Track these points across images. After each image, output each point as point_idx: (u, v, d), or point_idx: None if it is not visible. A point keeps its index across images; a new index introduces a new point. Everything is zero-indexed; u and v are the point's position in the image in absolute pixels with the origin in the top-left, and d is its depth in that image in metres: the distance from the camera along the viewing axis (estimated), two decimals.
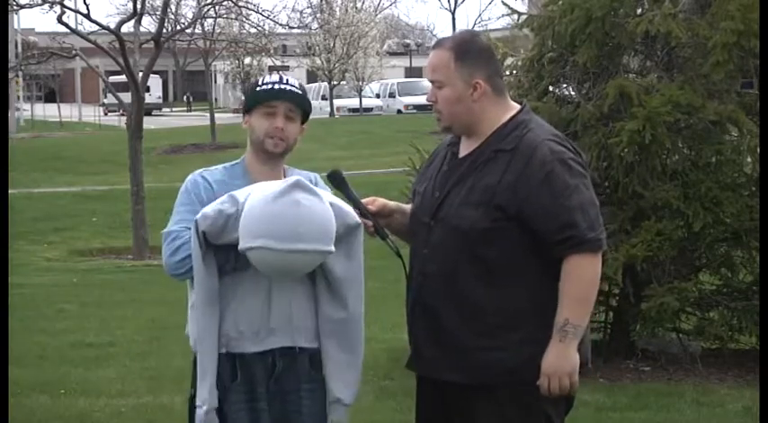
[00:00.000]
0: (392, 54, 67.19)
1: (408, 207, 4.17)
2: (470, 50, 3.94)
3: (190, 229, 3.98)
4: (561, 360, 3.86)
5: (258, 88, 4.14)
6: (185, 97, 76.89)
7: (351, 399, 4.12)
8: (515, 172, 3.85)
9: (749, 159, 8.75)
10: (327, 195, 4.00)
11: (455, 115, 3.96)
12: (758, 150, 8.49)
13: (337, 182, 4.10)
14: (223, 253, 3.97)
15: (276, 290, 4.02)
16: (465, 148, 4.00)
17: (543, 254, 3.87)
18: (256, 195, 3.89)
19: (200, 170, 4.19)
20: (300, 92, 4.17)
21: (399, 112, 50.57)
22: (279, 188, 3.85)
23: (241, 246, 3.86)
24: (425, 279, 3.98)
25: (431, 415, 4.07)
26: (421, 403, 4.12)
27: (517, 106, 4.03)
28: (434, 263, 3.95)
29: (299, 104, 4.15)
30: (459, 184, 3.94)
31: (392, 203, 4.14)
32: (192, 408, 4.07)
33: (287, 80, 4.17)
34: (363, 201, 4.09)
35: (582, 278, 3.86)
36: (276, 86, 4.12)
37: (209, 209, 3.92)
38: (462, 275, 3.89)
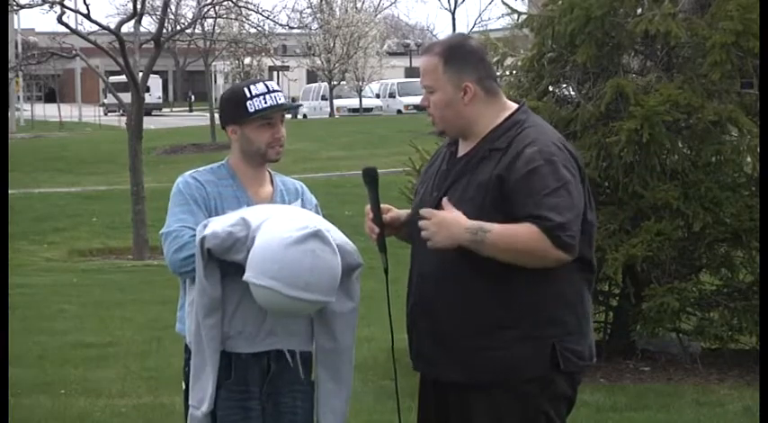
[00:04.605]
0: (392, 54, 67.13)
1: None
2: (458, 54, 3.93)
3: (189, 228, 4.07)
4: (451, 227, 3.78)
5: (250, 102, 4.19)
6: (187, 97, 76.84)
7: None
8: (503, 167, 3.83)
9: (749, 159, 8.74)
10: (335, 234, 4.04)
11: (447, 120, 3.97)
12: (758, 150, 8.48)
13: (368, 180, 4.08)
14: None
15: None
16: (463, 149, 4.00)
17: None
18: (273, 231, 3.94)
19: (189, 172, 4.28)
20: (285, 96, 4.30)
21: (399, 112, 50.57)
22: (298, 234, 3.91)
23: (248, 277, 3.93)
24: (423, 280, 3.98)
25: (431, 415, 4.07)
26: (422, 403, 4.12)
27: (514, 106, 4.00)
28: (432, 263, 3.94)
29: (288, 110, 4.31)
30: (455, 183, 3.94)
31: (404, 215, 4.14)
32: (187, 403, 4.12)
33: (273, 88, 4.25)
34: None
35: (521, 241, 3.72)
36: (270, 98, 4.20)
37: (220, 228, 3.97)
38: (459, 275, 3.88)
